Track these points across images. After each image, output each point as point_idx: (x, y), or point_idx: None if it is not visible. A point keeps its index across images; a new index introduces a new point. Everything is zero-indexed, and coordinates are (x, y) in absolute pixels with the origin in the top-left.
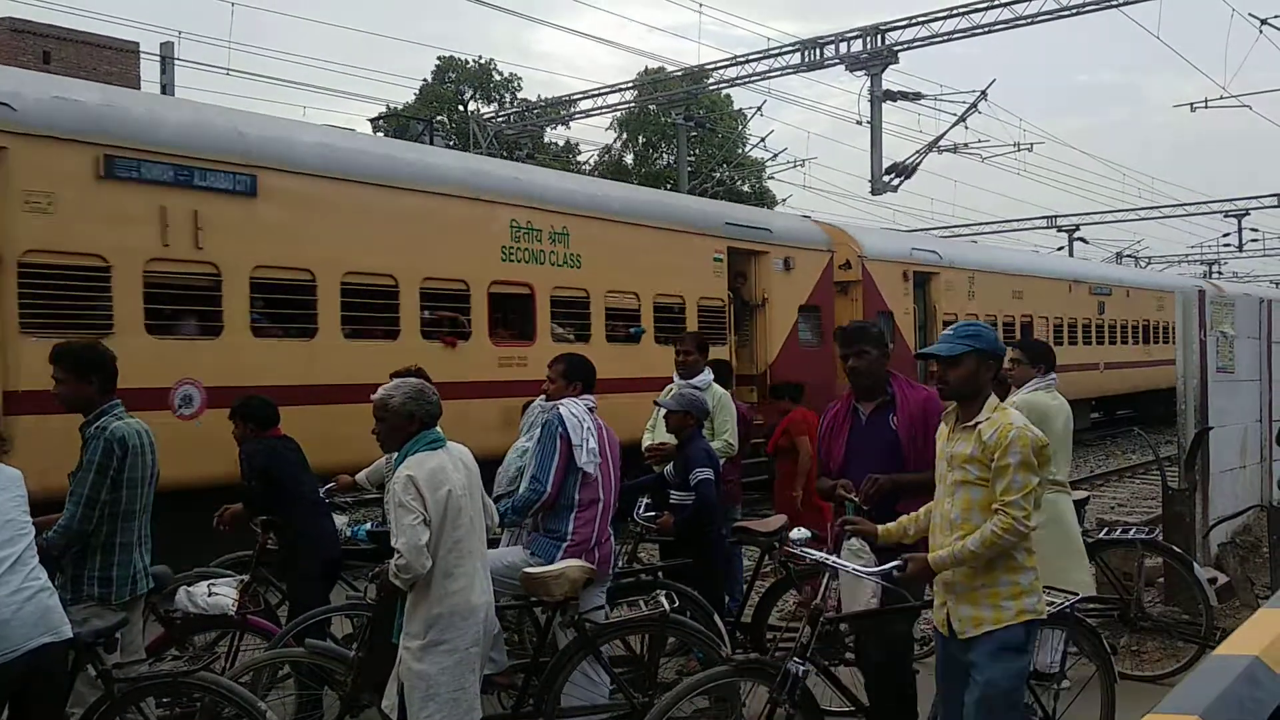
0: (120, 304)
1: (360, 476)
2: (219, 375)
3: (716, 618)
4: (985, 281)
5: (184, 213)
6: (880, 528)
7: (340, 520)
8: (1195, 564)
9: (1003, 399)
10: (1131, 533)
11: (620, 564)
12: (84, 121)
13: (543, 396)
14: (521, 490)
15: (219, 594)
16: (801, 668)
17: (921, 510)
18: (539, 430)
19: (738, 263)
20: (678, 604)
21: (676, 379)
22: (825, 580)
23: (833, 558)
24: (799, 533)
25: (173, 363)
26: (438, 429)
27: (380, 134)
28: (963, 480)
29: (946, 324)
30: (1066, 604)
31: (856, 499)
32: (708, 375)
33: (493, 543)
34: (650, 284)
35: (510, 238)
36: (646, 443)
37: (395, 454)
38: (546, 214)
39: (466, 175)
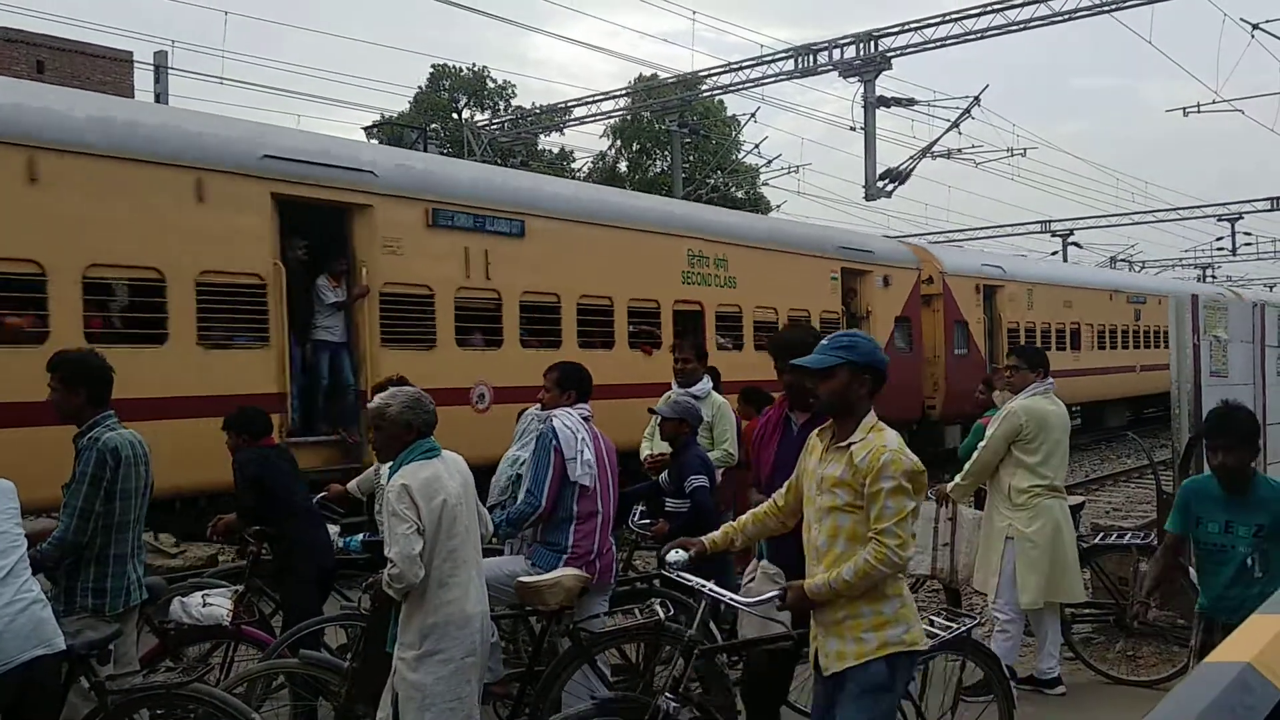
0: (441, 323)
1: (351, 485)
2: (501, 378)
3: (712, 625)
4: (1041, 293)
5: (479, 251)
6: (706, 539)
7: (333, 530)
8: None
9: (988, 405)
10: (1127, 538)
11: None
12: (417, 183)
13: (537, 405)
14: (517, 503)
15: (213, 605)
16: (673, 704)
17: (747, 515)
18: (534, 443)
19: (848, 280)
20: (673, 612)
21: (674, 386)
22: (700, 609)
23: (709, 585)
24: (676, 555)
25: (471, 368)
26: (433, 438)
27: (374, 142)
28: (831, 506)
29: (1010, 332)
30: (963, 629)
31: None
32: (707, 384)
33: (490, 552)
34: (785, 300)
35: (687, 264)
36: (645, 452)
37: (386, 462)
38: (712, 244)
39: (658, 214)
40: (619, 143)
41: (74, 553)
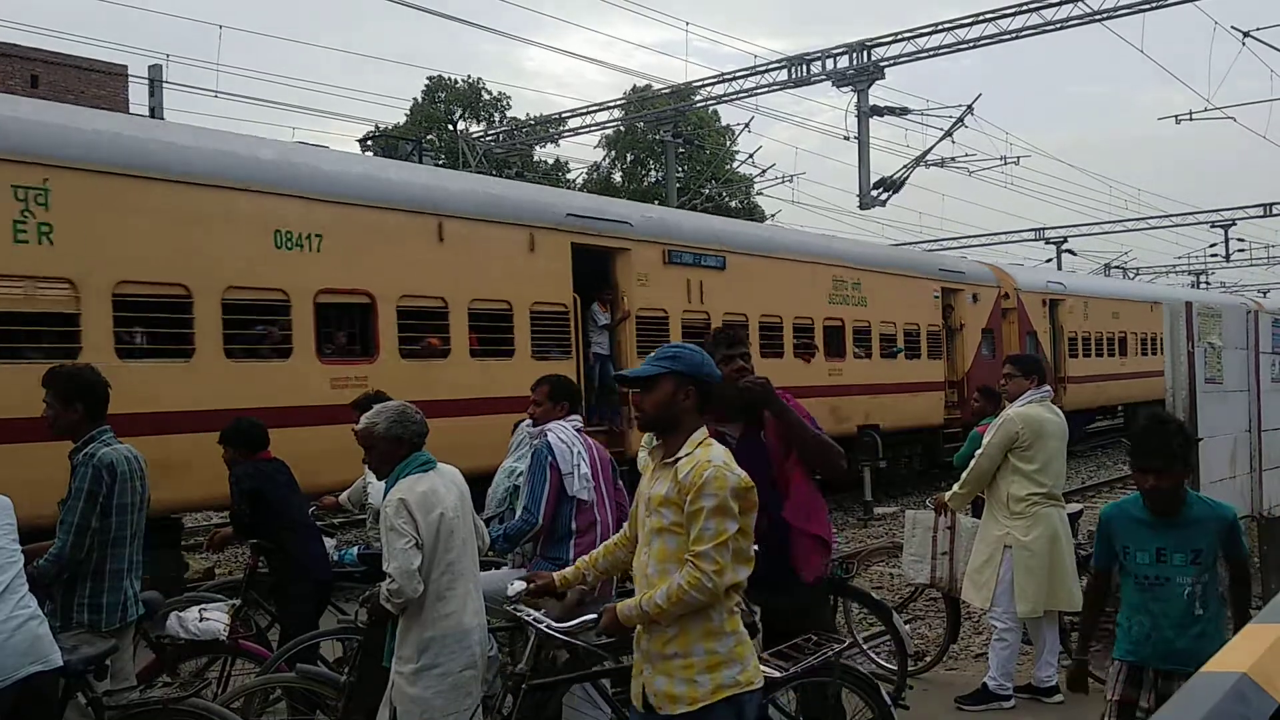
0: (673, 337)
1: (343, 497)
2: None
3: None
4: (1095, 305)
5: (696, 282)
6: (556, 575)
7: (329, 543)
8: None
9: (995, 412)
10: None
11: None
12: (657, 230)
13: (528, 420)
14: (514, 519)
15: (210, 619)
16: None
17: (599, 549)
18: (529, 459)
19: (946, 298)
20: None
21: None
22: (531, 642)
23: (534, 614)
24: (516, 586)
25: None
26: (426, 451)
27: (369, 154)
28: (659, 527)
29: (1070, 340)
30: (830, 652)
31: None
32: None
33: (487, 565)
34: (902, 315)
35: (832, 287)
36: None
37: (372, 473)
38: (850, 270)
39: (812, 247)
40: (613, 153)
41: (70, 568)
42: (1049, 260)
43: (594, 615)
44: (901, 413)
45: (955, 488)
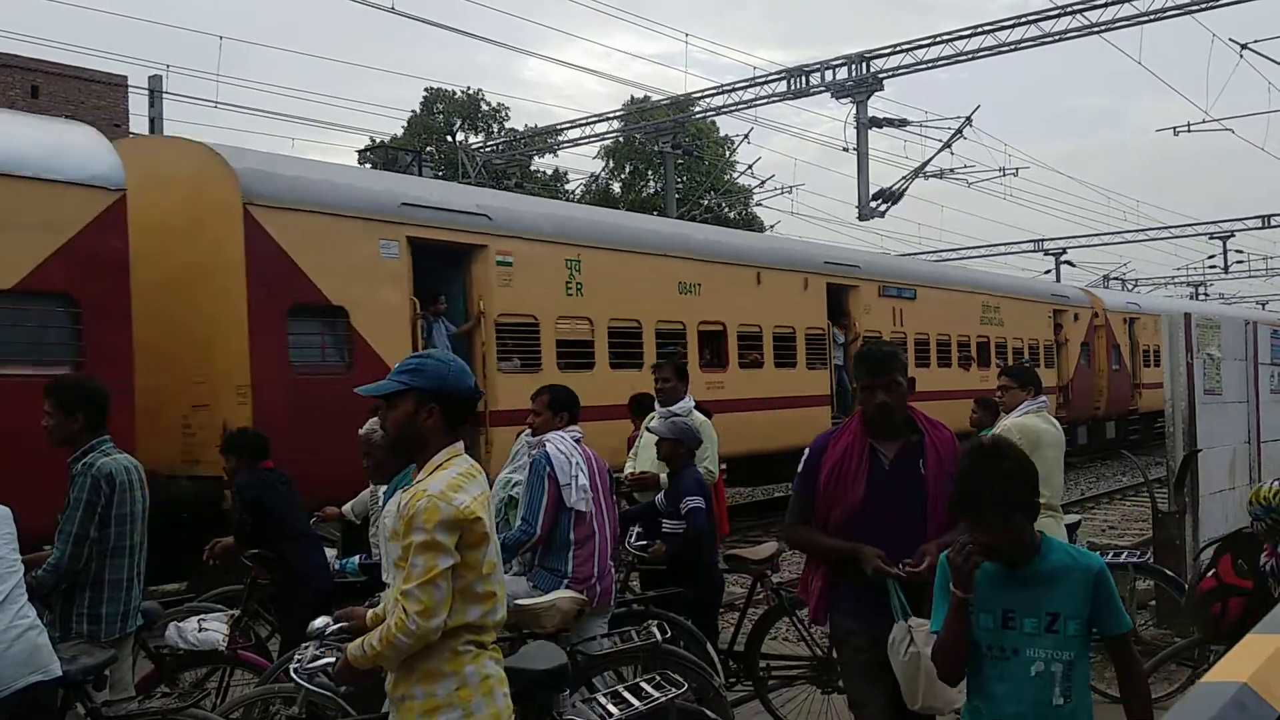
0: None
1: (346, 508)
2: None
3: (710, 647)
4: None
5: (899, 310)
6: (370, 612)
7: (330, 553)
8: (1186, 587)
9: (992, 423)
10: (1123, 556)
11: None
12: (874, 269)
13: (528, 431)
14: (513, 530)
15: (209, 629)
16: None
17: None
18: (527, 469)
19: (1056, 318)
20: (670, 634)
21: (658, 406)
22: (301, 696)
23: (300, 665)
24: (319, 623)
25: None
26: None
27: (368, 165)
28: (394, 560)
29: (1144, 352)
30: (665, 697)
31: (904, 573)
32: (688, 402)
33: None
34: (1025, 333)
35: (982, 312)
36: (628, 470)
37: (380, 486)
38: (993, 297)
39: (973, 280)
40: (612, 164)
41: (69, 579)
42: (1048, 272)
43: (329, 660)
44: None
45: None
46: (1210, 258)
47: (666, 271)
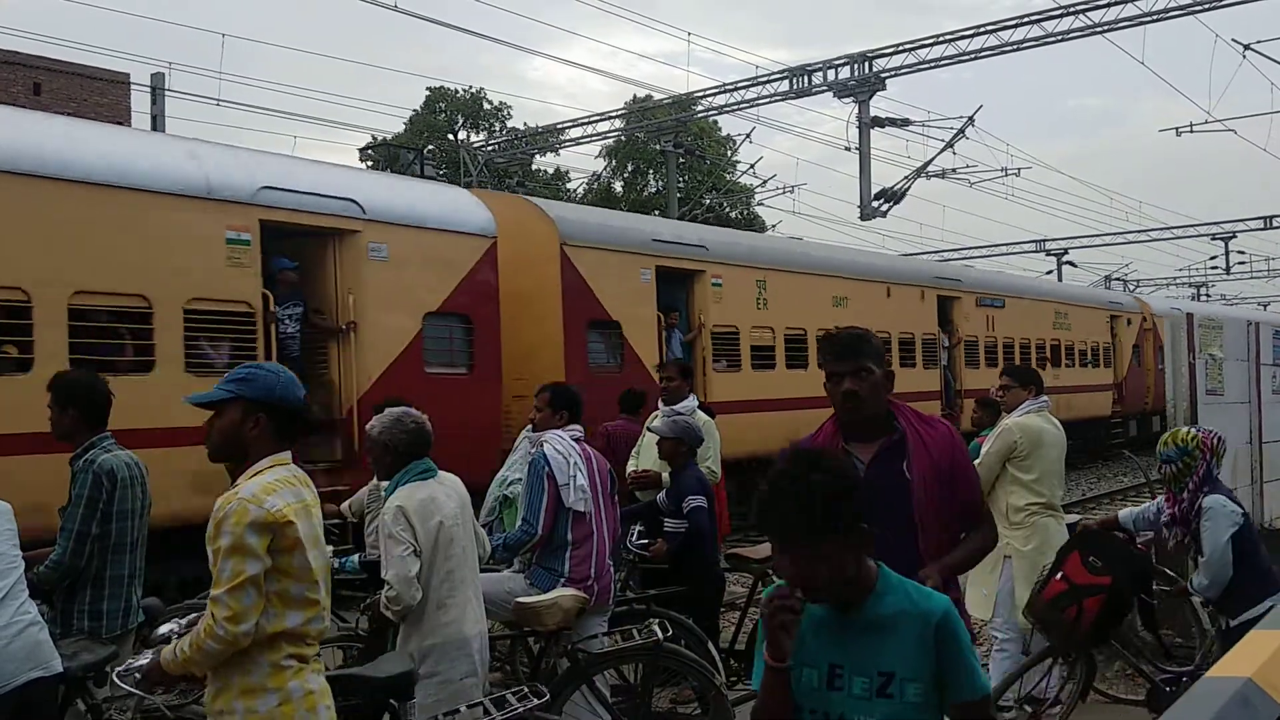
0: (983, 358)
1: (344, 506)
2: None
3: (711, 646)
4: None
5: (991, 317)
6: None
7: (328, 550)
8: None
9: (993, 423)
10: None
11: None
12: (971, 282)
13: (529, 426)
14: (514, 529)
15: None
16: None
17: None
18: (526, 469)
19: (1111, 324)
20: (671, 632)
21: (661, 405)
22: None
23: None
24: (165, 628)
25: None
26: (428, 459)
27: (369, 164)
28: (210, 565)
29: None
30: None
31: None
32: (692, 401)
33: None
34: (1087, 337)
35: (1054, 319)
36: (630, 469)
37: (378, 483)
38: (1062, 305)
39: (1048, 290)
40: (613, 163)
41: (71, 575)
42: (1049, 272)
43: (144, 662)
44: (1085, 406)
45: None
46: (1212, 259)
47: (824, 288)
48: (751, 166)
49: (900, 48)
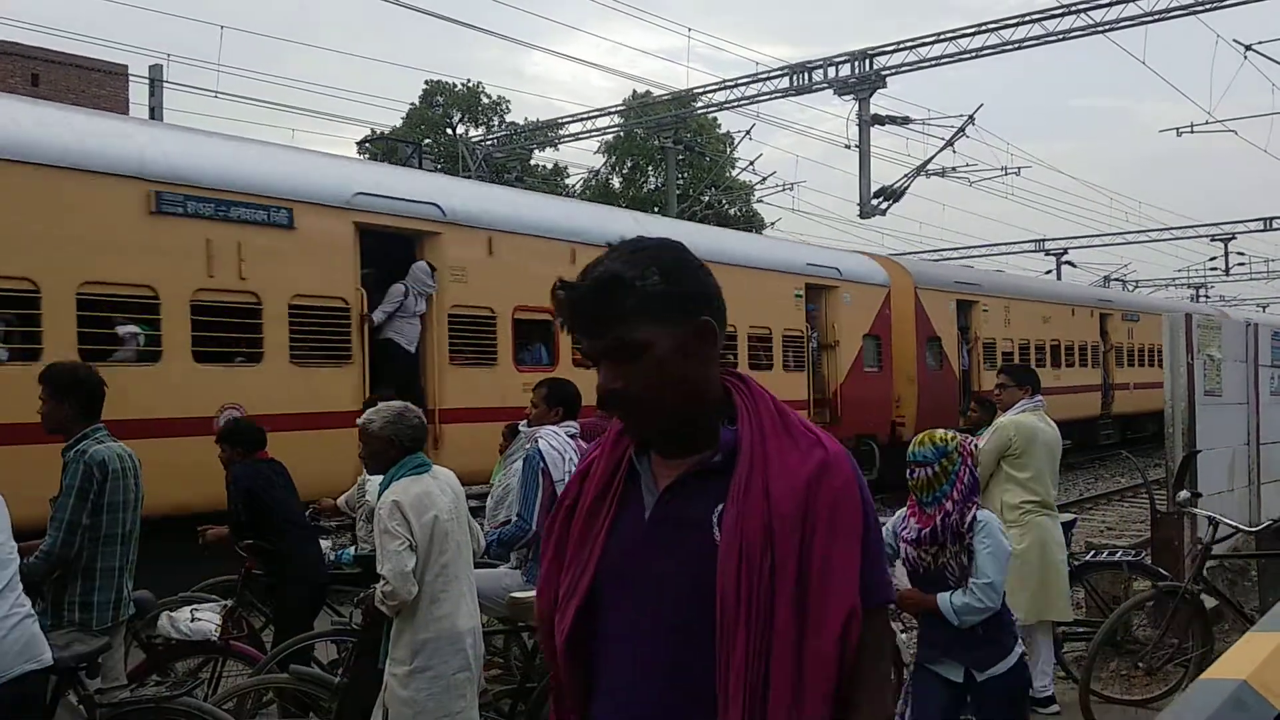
0: (1048, 355)
1: (341, 500)
2: (1057, 381)
3: None
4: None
5: (1048, 315)
6: None
7: (324, 544)
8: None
9: (990, 422)
10: (1118, 555)
11: None
12: (1006, 288)
13: (525, 421)
14: (508, 525)
15: (201, 619)
16: None
17: None
18: (521, 464)
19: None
20: None
21: None
22: None
23: None
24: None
25: (1066, 378)
26: (422, 454)
27: (367, 156)
28: None
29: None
30: None
31: None
32: None
33: (483, 567)
34: (1146, 341)
35: (1100, 325)
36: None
37: (369, 477)
38: (1111, 309)
39: (1083, 295)
40: (612, 159)
41: (61, 566)
42: (1049, 271)
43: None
44: (1144, 400)
45: None
46: (1211, 259)
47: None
48: (751, 163)
49: (901, 45)
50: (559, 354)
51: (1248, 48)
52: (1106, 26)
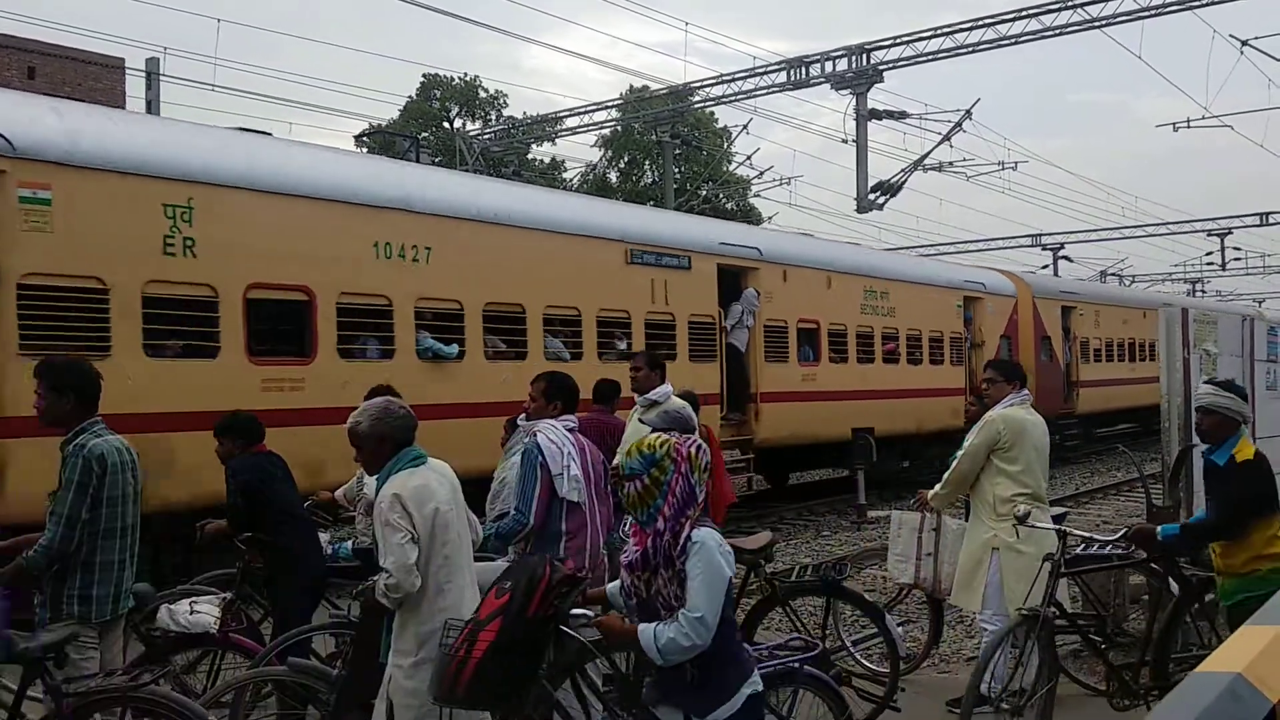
0: (1073, 349)
1: (339, 493)
2: (1099, 374)
3: None
4: None
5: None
6: None
7: (323, 537)
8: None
9: (979, 417)
10: (1108, 548)
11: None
12: (1051, 289)
13: (523, 415)
14: (507, 519)
15: (200, 612)
16: None
17: None
18: (519, 458)
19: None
20: None
21: (637, 397)
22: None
23: None
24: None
25: (1111, 370)
26: (417, 446)
27: (364, 150)
28: None
29: None
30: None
31: None
32: (666, 388)
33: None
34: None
35: (1137, 320)
36: (618, 460)
37: (374, 475)
38: (1138, 309)
39: (1151, 299)
40: (610, 153)
41: (60, 560)
42: (1045, 267)
43: None
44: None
45: (938, 487)
46: (1208, 254)
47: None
48: (748, 158)
49: (898, 40)
50: (821, 351)
51: (1244, 43)
52: (1103, 21)
